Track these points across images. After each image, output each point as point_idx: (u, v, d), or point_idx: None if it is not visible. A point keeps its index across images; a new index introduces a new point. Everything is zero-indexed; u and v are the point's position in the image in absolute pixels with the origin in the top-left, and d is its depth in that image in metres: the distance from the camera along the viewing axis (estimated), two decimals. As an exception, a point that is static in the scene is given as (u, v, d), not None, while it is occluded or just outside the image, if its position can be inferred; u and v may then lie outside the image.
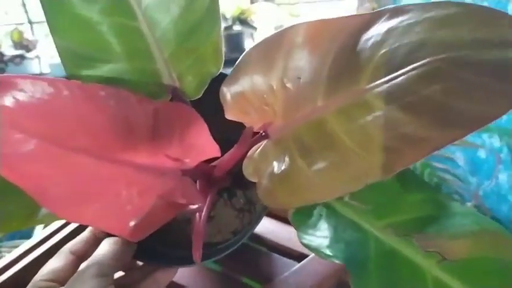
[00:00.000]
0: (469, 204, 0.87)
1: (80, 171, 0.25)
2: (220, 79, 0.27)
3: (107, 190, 0.26)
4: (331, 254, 0.25)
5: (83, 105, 0.24)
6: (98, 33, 0.27)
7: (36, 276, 0.29)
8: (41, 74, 1.53)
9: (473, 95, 0.18)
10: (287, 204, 0.25)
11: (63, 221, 0.46)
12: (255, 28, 1.45)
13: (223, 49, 0.27)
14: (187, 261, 0.31)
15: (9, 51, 1.49)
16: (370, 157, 0.21)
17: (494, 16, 0.20)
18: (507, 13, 0.19)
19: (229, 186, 0.35)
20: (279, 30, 0.25)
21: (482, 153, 1.07)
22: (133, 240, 0.26)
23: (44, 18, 0.28)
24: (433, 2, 0.21)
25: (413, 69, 0.20)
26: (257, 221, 0.33)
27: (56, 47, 0.28)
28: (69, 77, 0.28)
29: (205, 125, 0.27)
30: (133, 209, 0.26)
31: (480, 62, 0.19)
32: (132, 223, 0.26)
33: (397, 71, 0.20)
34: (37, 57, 1.52)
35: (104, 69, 0.28)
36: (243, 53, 0.26)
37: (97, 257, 0.28)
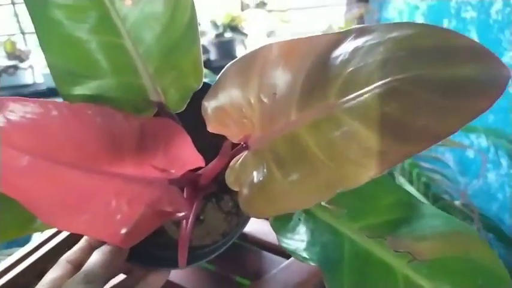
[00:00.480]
0: (457, 202, 0.89)
1: (71, 183, 0.27)
2: (205, 91, 0.29)
3: (96, 200, 0.27)
4: (307, 256, 0.26)
5: (71, 123, 0.26)
6: (86, 51, 0.29)
7: (37, 286, 0.31)
8: (34, 83, 1.53)
9: (428, 112, 0.20)
10: (264, 213, 0.26)
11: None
12: (245, 35, 1.46)
13: (204, 66, 0.28)
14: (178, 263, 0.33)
15: (2, 61, 1.49)
16: (338, 169, 0.23)
17: (449, 36, 0.21)
18: (461, 33, 0.21)
19: (216, 191, 0.37)
20: (254, 48, 0.26)
21: (470, 154, 1.09)
22: (124, 246, 0.28)
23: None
24: (395, 23, 0.22)
25: (375, 87, 0.21)
26: (244, 223, 0.34)
27: (47, 64, 0.29)
28: (60, 94, 0.30)
29: (189, 138, 0.28)
30: (122, 217, 0.28)
31: (435, 81, 0.20)
32: (122, 231, 0.28)
33: (362, 88, 0.22)
34: (30, 67, 1.53)
35: (93, 85, 0.30)
36: (223, 70, 0.28)
37: (87, 266, 0.30)
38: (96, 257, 0.30)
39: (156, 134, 0.28)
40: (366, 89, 0.22)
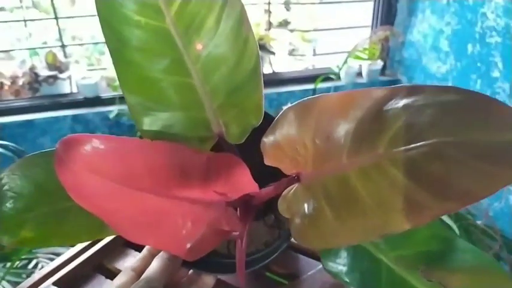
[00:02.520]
0: (479, 222, 0.90)
1: (146, 205, 0.31)
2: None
3: (166, 220, 0.32)
4: (348, 281, 0.30)
5: (149, 157, 0.30)
6: (160, 88, 0.33)
7: None
8: (71, 93, 1.63)
9: (468, 175, 0.23)
10: (315, 245, 0.30)
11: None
12: (273, 53, 1.50)
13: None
14: (227, 269, 0.38)
15: (44, 72, 1.60)
16: (383, 215, 0.26)
17: (491, 104, 0.24)
18: (501, 101, 0.24)
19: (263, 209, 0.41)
20: (313, 97, 0.30)
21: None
22: (189, 259, 0.32)
23: (76, 41, 0.33)
24: (443, 87, 0.25)
25: (422, 146, 0.24)
26: (288, 237, 0.38)
27: (125, 98, 0.33)
28: (136, 125, 0.34)
29: (247, 169, 0.32)
30: (187, 234, 0.32)
31: (476, 147, 0.23)
32: (187, 245, 0.32)
33: (409, 144, 0.25)
34: (69, 77, 1.63)
35: (163, 117, 0.34)
36: (282, 111, 0.31)
37: (148, 271, 0.34)
38: (155, 263, 0.35)
39: (220, 166, 0.32)
40: (413, 145, 0.25)
